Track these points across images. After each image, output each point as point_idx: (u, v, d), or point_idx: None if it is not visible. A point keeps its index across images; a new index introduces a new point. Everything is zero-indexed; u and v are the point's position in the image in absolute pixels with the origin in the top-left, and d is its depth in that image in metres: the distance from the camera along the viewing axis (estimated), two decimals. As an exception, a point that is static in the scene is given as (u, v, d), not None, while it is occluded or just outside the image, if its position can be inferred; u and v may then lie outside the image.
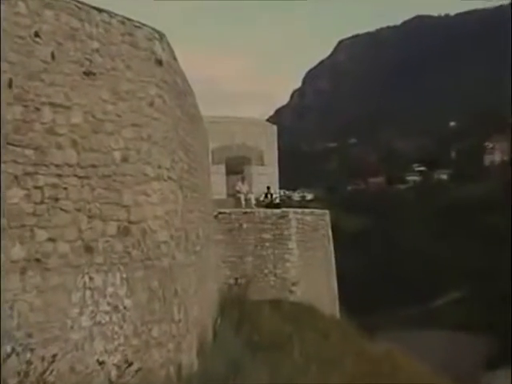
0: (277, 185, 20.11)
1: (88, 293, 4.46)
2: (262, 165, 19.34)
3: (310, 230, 15.23)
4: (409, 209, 76.75)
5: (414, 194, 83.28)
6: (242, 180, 16.94)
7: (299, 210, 15.75)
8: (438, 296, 58.52)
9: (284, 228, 14.29)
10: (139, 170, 5.14)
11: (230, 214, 14.01)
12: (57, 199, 4.21)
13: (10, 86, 3.95)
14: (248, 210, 14.97)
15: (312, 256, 14.95)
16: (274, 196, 17.22)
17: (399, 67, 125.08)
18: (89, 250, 4.52)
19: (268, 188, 17.35)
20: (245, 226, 13.97)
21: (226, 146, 18.23)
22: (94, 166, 4.68)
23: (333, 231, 16.87)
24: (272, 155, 19.59)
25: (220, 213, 13.56)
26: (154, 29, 5.37)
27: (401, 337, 31.09)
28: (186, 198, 6.22)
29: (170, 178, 5.61)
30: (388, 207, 77.37)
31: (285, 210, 15.39)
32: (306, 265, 14.45)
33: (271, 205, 16.28)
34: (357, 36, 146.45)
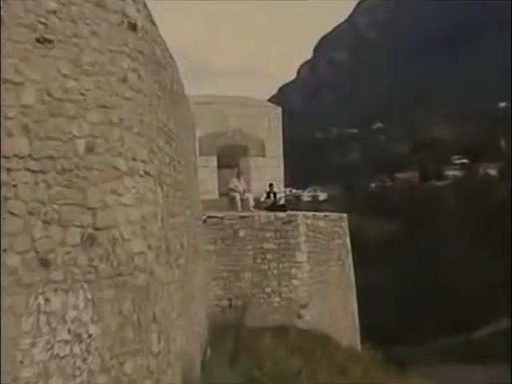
0: (282, 182, 19.39)
1: (43, 318, 4.32)
2: (263, 156, 18.62)
3: (324, 238, 15.11)
4: (448, 212, 74.72)
5: (455, 192, 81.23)
6: (238, 175, 16.52)
7: (310, 214, 15.34)
8: (483, 324, 57.20)
9: (291, 236, 14.02)
10: (108, 163, 5.07)
11: (222, 218, 13.64)
12: (4, 199, 4.18)
13: None
14: (245, 213, 14.57)
15: (326, 271, 14.98)
16: (277, 196, 16.71)
17: (434, 40, 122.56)
18: (44, 263, 4.40)
19: (270, 185, 16.73)
20: (241, 233, 13.70)
21: (217, 132, 17.83)
22: (50, 158, 4.56)
23: (352, 240, 16.73)
24: (275, 144, 19.10)
25: (210, 217, 13.33)
26: (126, -15, 6.10)
27: (435, 372, 31.27)
28: (167, 199, 6.14)
29: (147, 172, 5.59)
30: (422, 210, 75.37)
31: (292, 213, 14.98)
32: (318, 282, 14.49)
33: (274, 207, 15.86)
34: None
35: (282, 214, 14.81)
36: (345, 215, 16.79)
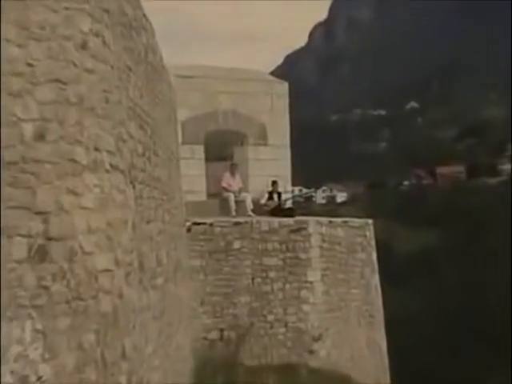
0: (289, 179, 19.15)
1: (-23, 355, 4.79)
2: (265, 146, 18.44)
3: (343, 251, 14.93)
4: (503, 216, 72.20)
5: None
6: (232, 170, 16.48)
7: (325, 220, 15.08)
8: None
9: (300, 249, 13.86)
10: (63, 154, 4.95)
11: (212, 225, 13.44)
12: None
13: None
14: (241, 218, 14.34)
15: (345, 294, 14.83)
16: (283, 197, 16.59)
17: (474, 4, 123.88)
18: (-20, 284, 4.85)
19: (274, 183, 16.55)
20: (236, 244, 13.46)
21: (205, 114, 17.54)
22: (-12, 148, 5.03)
23: (380, 254, 16.53)
24: (281, 130, 18.91)
25: (197, 223, 13.18)
26: None
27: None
28: (140, 200, 6.08)
29: (114, 166, 5.49)
30: (469, 213, 72.61)
31: (302, 219, 14.87)
32: (335, 308, 14.36)
33: (279, 211, 15.73)
34: None
35: (288, 221, 14.48)
36: (370, 221, 16.47)
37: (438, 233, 67.29)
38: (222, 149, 18.53)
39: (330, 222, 15.31)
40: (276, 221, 14.56)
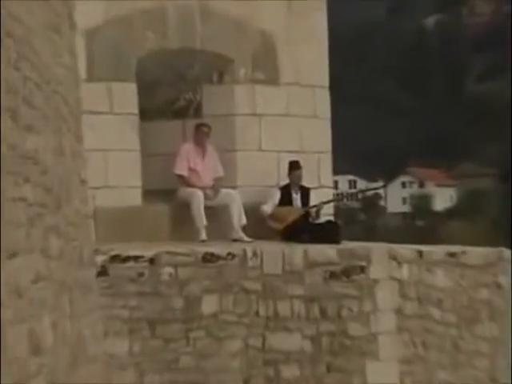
0: (327, 159, 18.91)
1: None
2: (274, 85, 17.06)
3: (448, 321, 15.18)
4: None
5: None
6: (200, 140, 15.67)
7: (407, 250, 15.00)
8: None
9: (352, 315, 14.10)
10: None
11: (153, 261, 13.61)
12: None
13: None
14: (220, 246, 14.28)
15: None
16: (313, 198, 16.35)
17: None
18: None
19: (293, 168, 15.09)
20: (210, 304, 13.67)
21: (139, 14, 15.95)
22: None
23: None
24: (309, 52, 17.54)
25: (121, 257, 13.58)
26: None
27: None
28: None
29: None
30: None
31: (355, 246, 14.88)
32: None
33: (305, 228, 15.68)
34: None
35: (325, 250, 14.09)
36: (508, 253, 15.53)
37: None
38: (176, 92, 16.62)
39: (420, 254, 14.73)
40: (298, 251, 14.11)
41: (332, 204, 18.23)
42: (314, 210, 16.36)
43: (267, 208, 15.95)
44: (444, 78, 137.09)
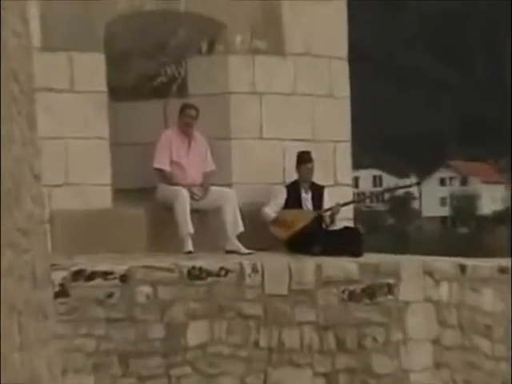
0: (346, 150, 18.26)
1: None
2: (280, 55, 16.57)
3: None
4: None
5: None
6: (185, 126, 15.78)
7: (447, 264, 15.01)
8: None
9: (376, 346, 13.97)
10: None
11: (125, 278, 13.93)
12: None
13: None
14: (210, 259, 14.47)
15: None
16: (326, 199, 16.14)
17: None
18: None
19: (302, 160, 15.58)
20: (196, 334, 13.76)
21: None
22: None
23: None
24: (322, 10, 17.00)
25: (86, 274, 13.67)
26: None
27: None
28: None
29: None
30: None
31: (380, 259, 14.84)
32: None
33: (319, 236, 15.34)
34: None
35: (343, 264, 14.05)
36: None
37: None
38: (154, 65, 16.14)
39: (463, 269, 14.15)
40: (309, 266, 13.84)
41: (351, 206, 17.49)
42: (329, 213, 15.41)
43: (270, 211, 15.10)
44: (489, 50, 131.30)
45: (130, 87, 16.46)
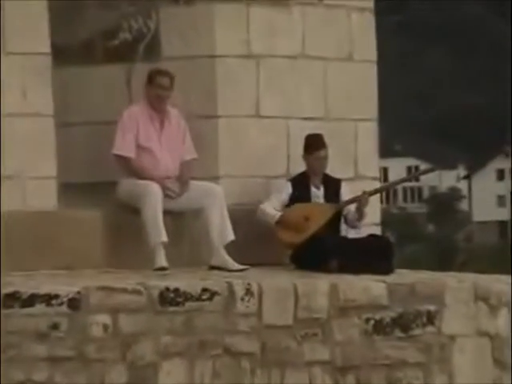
0: (373, 132, 17.03)
1: None
2: (283, 4, 16.61)
3: None
4: None
5: None
6: (157, 107, 15.56)
7: (504, 286, 14.97)
8: None
9: None
10: None
11: (76, 305, 14.54)
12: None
13: None
14: (189, 278, 14.75)
15: None
16: (344, 193, 15.59)
17: None
18: None
19: (313, 147, 15.54)
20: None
21: None
22: None
23: None
24: None
25: (28, 299, 13.85)
26: None
27: None
28: None
29: None
30: None
31: (424, 277, 15.10)
32: None
33: (336, 247, 14.69)
34: None
35: (367, 284, 13.75)
36: None
37: None
38: (114, 18, 15.48)
39: None
40: (322, 287, 13.05)
41: (379, 207, 16.63)
42: (354, 206, 14.41)
43: (271, 209, 14.13)
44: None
45: (81, 48, 15.58)
